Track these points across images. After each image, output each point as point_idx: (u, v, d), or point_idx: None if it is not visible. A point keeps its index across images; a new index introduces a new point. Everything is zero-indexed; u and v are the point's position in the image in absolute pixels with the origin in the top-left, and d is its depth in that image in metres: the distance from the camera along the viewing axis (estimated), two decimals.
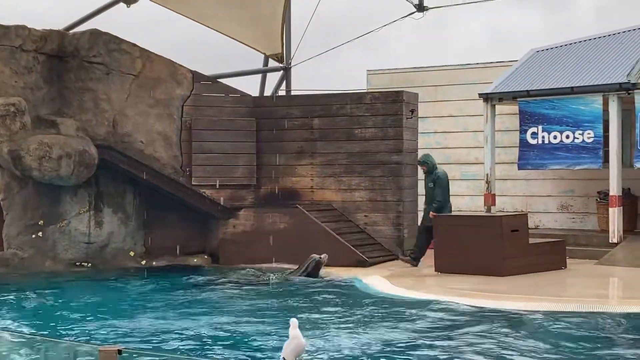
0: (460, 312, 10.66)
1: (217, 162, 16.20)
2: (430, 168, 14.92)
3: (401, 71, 19.12)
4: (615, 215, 15.12)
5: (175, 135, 16.04)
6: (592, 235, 16.06)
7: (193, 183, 16.07)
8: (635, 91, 14.78)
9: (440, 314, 10.65)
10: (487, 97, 16.43)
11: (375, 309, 11.03)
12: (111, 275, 14.73)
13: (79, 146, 15.02)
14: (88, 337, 9.38)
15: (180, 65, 16.24)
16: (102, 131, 15.61)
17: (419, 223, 15.36)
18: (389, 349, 8.74)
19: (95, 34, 15.86)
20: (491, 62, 18.27)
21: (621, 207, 15.24)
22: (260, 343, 9.07)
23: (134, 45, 15.95)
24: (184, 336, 9.44)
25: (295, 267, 14.43)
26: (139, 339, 9.28)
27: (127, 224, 16.28)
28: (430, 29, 30.23)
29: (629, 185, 16.04)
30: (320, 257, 14.08)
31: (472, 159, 18.03)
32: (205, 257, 16.24)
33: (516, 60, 17.31)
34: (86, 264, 15.62)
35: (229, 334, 9.55)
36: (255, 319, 10.41)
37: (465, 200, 18.15)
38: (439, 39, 31.73)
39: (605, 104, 15.21)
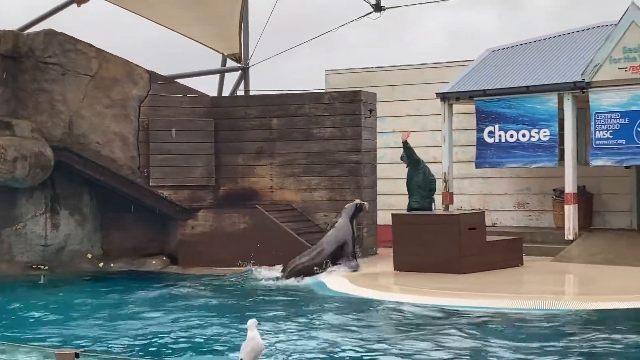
0: (419, 310, 10.72)
1: (175, 163, 16.11)
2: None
3: (359, 71, 19.17)
4: (570, 213, 15.31)
5: (133, 136, 15.93)
6: (548, 233, 16.23)
7: (151, 184, 15.96)
8: (590, 90, 14.98)
9: (398, 313, 10.70)
10: (444, 97, 16.54)
11: (333, 309, 11.04)
12: (68, 277, 14.58)
13: (35, 148, 14.85)
14: (44, 341, 9.28)
15: (137, 66, 16.12)
16: (58, 132, 15.44)
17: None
18: (346, 347, 8.76)
19: (50, 34, 15.69)
20: (448, 62, 18.39)
21: (576, 205, 15.43)
22: (217, 344, 9.04)
23: (90, 45, 15.81)
24: (140, 338, 9.38)
25: (251, 267, 14.51)
26: (96, 342, 9.20)
27: (84, 226, 16.13)
28: (389, 28, 30.41)
29: (584, 182, 16.24)
30: (363, 204, 14.58)
31: (430, 158, 18.05)
32: (164, 258, 16.14)
33: (473, 60, 17.44)
34: (43, 266, 15.44)
35: (187, 335, 9.50)
36: (213, 320, 10.37)
37: None
38: (397, 39, 31.87)
39: (561, 102, 15.39)
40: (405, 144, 15.16)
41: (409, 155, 15.29)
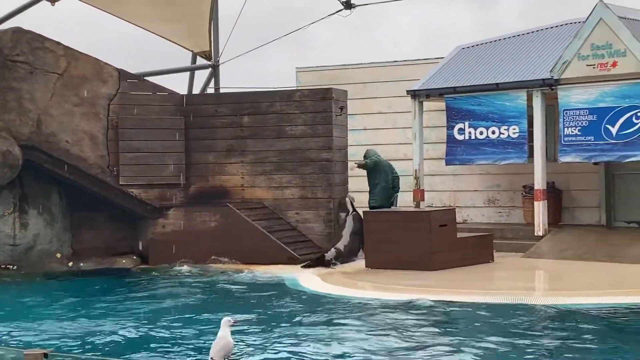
0: (391, 307, 10.74)
1: (145, 161, 16.02)
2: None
3: (330, 68, 19.18)
4: (540, 209, 15.42)
5: (102, 135, 15.82)
6: (518, 229, 16.34)
7: (121, 183, 15.87)
8: (559, 87, 15.09)
9: (370, 310, 10.72)
10: (414, 94, 16.60)
11: (305, 306, 11.04)
12: (36, 277, 14.46)
13: (2, 147, 14.71)
14: (13, 341, 9.19)
15: (106, 64, 16.01)
16: (26, 131, 15.30)
17: None
18: (318, 345, 8.76)
19: (18, 32, 15.53)
20: (418, 60, 18.46)
21: (546, 201, 15.54)
22: (187, 342, 9.01)
23: (58, 43, 15.68)
24: (110, 338, 9.32)
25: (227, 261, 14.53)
26: (65, 342, 9.13)
27: (53, 225, 16.00)
28: (359, 26, 30.45)
29: (553, 179, 16.36)
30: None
31: (400, 155, 18.17)
32: (134, 257, 16.04)
33: (443, 58, 17.50)
34: (11, 266, 15.30)
35: (156, 334, 9.45)
36: (182, 318, 10.33)
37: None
38: (368, 36, 31.95)
39: (530, 99, 15.50)
40: (360, 167, 15.99)
41: (369, 170, 15.99)
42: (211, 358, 7.17)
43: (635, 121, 14.47)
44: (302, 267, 14.36)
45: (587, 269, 13.34)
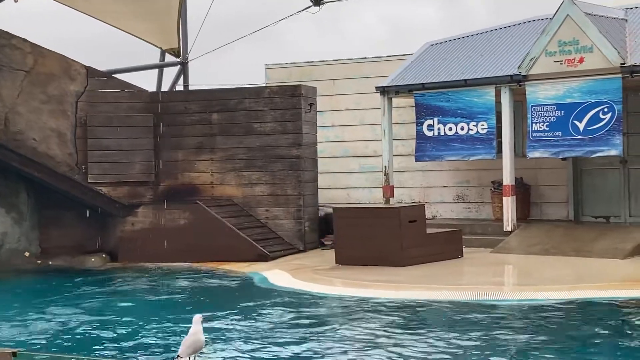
0: (361, 303, 10.77)
1: (113, 159, 15.93)
2: None
3: (299, 65, 19.17)
4: (509, 204, 15.52)
5: (70, 132, 15.71)
6: (487, 224, 16.43)
7: (89, 181, 15.76)
8: (527, 83, 15.19)
9: (340, 306, 10.75)
10: (383, 90, 16.63)
11: (274, 303, 11.04)
12: (4, 276, 14.33)
13: None
14: None
15: (74, 61, 15.90)
16: None
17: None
18: (288, 341, 8.77)
19: None
20: (387, 56, 18.49)
21: (514, 196, 15.65)
22: (155, 340, 8.98)
23: (25, 40, 15.53)
24: (78, 336, 9.27)
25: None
26: (34, 341, 9.06)
27: (22, 223, 15.87)
28: (328, 22, 30.45)
29: (521, 174, 16.47)
30: None
31: (370, 151, 18.22)
32: (104, 256, 15.94)
33: (412, 54, 17.56)
34: None
35: (124, 332, 9.41)
36: (151, 316, 10.28)
37: (364, 192, 18.35)
38: (337, 33, 31.95)
39: (498, 95, 15.58)
40: None
41: None
42: (178, 355, 7.14)
43: (602, 117, 14.60)
44: None
45: (554, 263, 13.46)
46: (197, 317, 7.20)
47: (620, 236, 14.46)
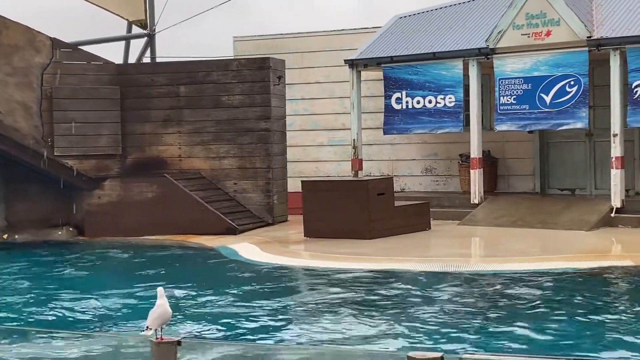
0: (329, 275, 10.81)
1: (80, 132, 15.79)
2: None
3: (268, 38, 19.06)
4: (476, 177, 15.62)
5: (36, 105, 15.54)
6: (454, 197, 16.54)
7: (55, 154, 15.62)
8: (494, 56, 15.24)
9: (308, 278, 10.79)
10: (352, 64, 16.61)
11: (242, 276, 11.05)
12: None
13: None
14: None
15: (39, 32, 15.69)
16: None
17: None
18: (257, 312, 8.79)
19: None
20: (356, 29, 18.45)
21: (482, 169, 15.75)
22: (123, 312, 8.97)
23: None
24: (43, 309, 9.23)
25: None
26: (4, 316, 9.02)
27: None
28: None
29: (489, 147, 16.57)
30: None
31: (339, 124, 18.22)
32: (70, 229, 15.85)
33: (380, 27, 17.53)
34: None
35: (91, 306, 9.38)
36: (118, 289, 10.26)
37: (332, 165, 18.36)
38: (306, 5, 31.81)
39: (466, 68, 15.63)
40: None
41: None
42: (147, 327, 7.12)
43: (569, 90, 14.70)
44: None
45: (521, 235, 13.59)
46: (161, 290, 7.18)
47: (586, 208, 14.62)
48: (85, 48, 17.33)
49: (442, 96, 15.76)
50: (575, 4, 14.78)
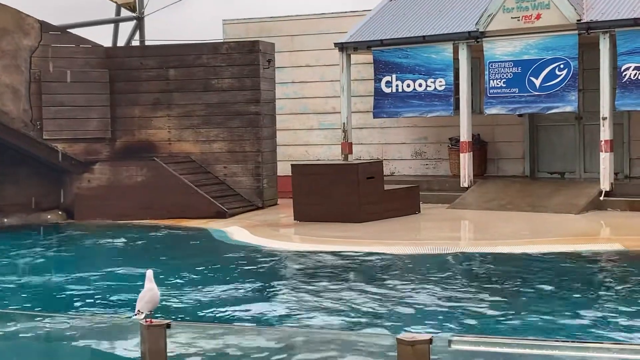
0: (318, 258, 10.84)
1: (69, 115, 15.73)
2: None
3: (257, 21, 18.99)
4: (465, 161, 15.63)
5: (24, 88, 15.46)
6: (444, 181, 16.56)
7: (44, 137, 15.56)
8: (484, 39, 15.22)
9: (298, 261, 10.80)
10: (342, 47, 16.57)
11: (231, 259, 11.06)
12: None
13: None
14: None
15: (27, 15, 15.59)
16: None
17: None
18: (248, 296, 8.81)
19: None
20: (346, 12, 18.39)
21: (471, 153, 15.76)
22: (114, 296, 8.97)
23: None
24: (34, 292, 9.22)
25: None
26: None
27: None
28: None
29: (478, 131, 16.58)
30: None
31: (329, 108, 18.19)
32: (60, 213, 15.83)
33: (370, 10, 17.48)
34: None
35: (81, 289, 9.38)
36: (108, 273, 10.26)
37: (323, 149, 18.35)
38: None
39: (456, 52, 15.61)
40: None
41: None
42: (138, 311, 7.12)
43: (558, 73, 14.71)
44: None
45: (510, 218, 13.63)
46: (150, 273, 7.17)
47: (575, 192, 14.66)
48: (74, 31, 17.25)
49: (432, 80, 15.75)
50: None
